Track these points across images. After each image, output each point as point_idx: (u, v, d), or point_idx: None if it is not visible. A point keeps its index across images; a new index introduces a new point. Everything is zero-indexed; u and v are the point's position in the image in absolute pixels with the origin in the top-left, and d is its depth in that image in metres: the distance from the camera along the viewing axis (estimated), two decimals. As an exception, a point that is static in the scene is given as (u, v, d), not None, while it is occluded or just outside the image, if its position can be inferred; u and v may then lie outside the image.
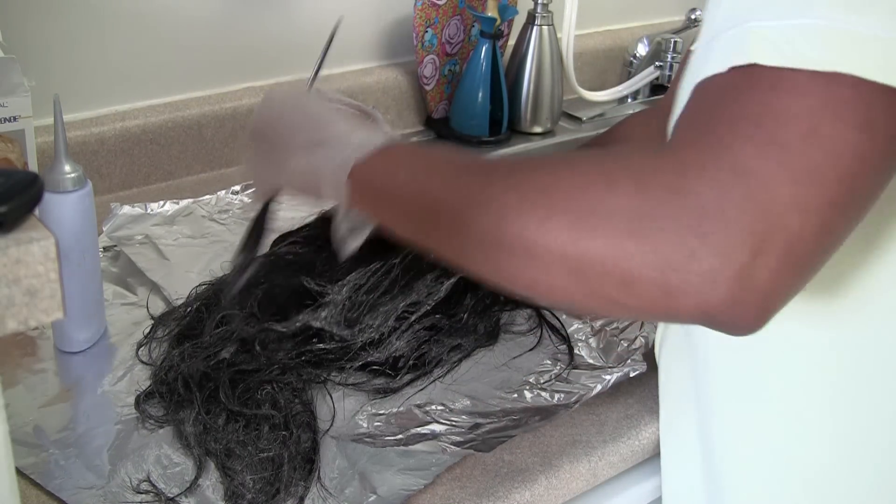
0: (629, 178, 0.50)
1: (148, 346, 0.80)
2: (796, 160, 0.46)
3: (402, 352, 0.79)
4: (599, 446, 0.74)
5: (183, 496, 0.65)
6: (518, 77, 1.28)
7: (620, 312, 0.51)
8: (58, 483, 0.65)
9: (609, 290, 0.49)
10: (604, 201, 0.49)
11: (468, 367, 0.81)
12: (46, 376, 0.77)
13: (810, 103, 0.46)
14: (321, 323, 0.78)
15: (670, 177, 0.48)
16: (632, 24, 1.57)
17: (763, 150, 0.47)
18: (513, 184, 0.54)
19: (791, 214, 0.46)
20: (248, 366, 0.75)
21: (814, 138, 0.46)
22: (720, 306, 0.47)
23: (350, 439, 0.71)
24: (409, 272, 0.83)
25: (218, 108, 1.14)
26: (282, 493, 0.65)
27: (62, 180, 0.75)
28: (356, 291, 0.81)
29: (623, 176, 0.50)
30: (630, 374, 0.79)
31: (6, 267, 0.39)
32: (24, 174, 0.43)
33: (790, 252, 0.46)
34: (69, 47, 1.04)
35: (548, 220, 0.51)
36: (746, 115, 0.48)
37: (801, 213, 0.46)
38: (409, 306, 0.81)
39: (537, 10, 1.25)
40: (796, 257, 0.47)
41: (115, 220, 0.99)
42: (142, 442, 0.70)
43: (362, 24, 1.26)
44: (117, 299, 0.88)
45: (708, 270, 0.46)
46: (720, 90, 0.49)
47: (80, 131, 1.05)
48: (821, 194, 0.46)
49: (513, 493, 0.69)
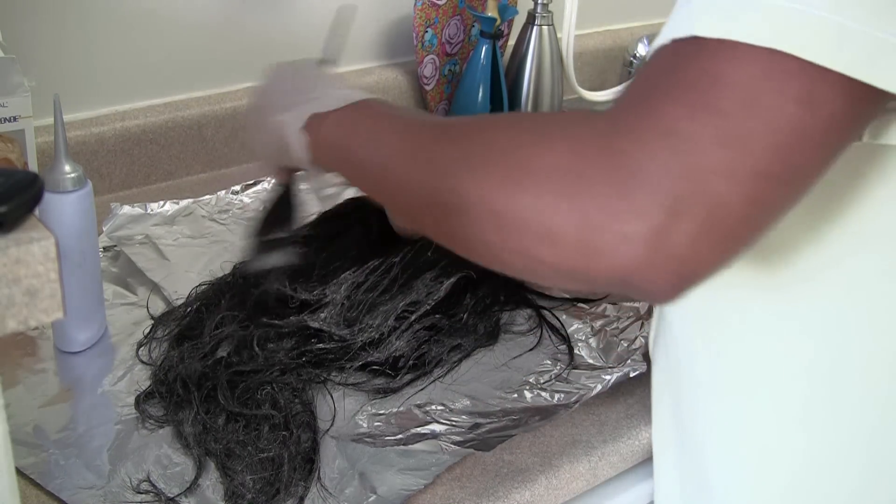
0: (564, 138, 0.50)
1: (148, 346, 0.80)
2: (728, 125, 0.46)
3: (402, 352, 0.79)
4: (599, 446, 0.74)
5: (183, 496, 0.65)
6: (518, 77, 1.28)
7: (543, 271, 0.51)
8: (58, 483, 0.66)
9: (532, 245, 0.50)
10: (537, 159, 0.50)
11: (468, 367, 0.81)
12: (46, 376, 0.77)
13: (752, 71, 0.46)
14: (320, 324, 0.78)
15: (603, 138, 0.49)
16: (632, 24, 1.57)
17: (695, 113, 0.46)
18: (457, 140, 0.56)
19: (716, 179, 0.45)
20: (248, 366, 0.75)
21: (750, 106, 0.46)
22: (634, 268, 0.47)
23: (350, 439, 0.71)
24: (407, 270, 0.83)
25: (218, 108, 1.14)
26: (282, 493, 0.65)
27: (62, 180, 0.75)
28: (355, 290, 0.81)
29: (559, 136, 0.51)
30: (630, 374, 0.79)
31: (6, 267, 0.39)
32: (24, 174, 0.43)
33: (711, 218, 0.46)
34: (69, 47, 1.04)
35: (481, 175, 0.52)
36: (684, 81, 0.47)
37: (726, 179, 0.46)
38: (409, 306, 0.81)
39: (537, 10, 1.25)
40: (719, 224, 0.46)
41: (115, 220, 0.99)
42: (142, 442, 0.70)
43: (362, 24, 1.26)
44: (117, 299, 0.88)
45: (625, 230, 0.46)
46: (663, 60, 0.50)
47: (80, 131, 1.05)
48: (750, 163, 0.46)
49: (513, 493, 0.69)
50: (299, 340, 0.78)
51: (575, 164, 0.49)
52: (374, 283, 0.81)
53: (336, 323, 0.79)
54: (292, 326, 0.78)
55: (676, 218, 0.46)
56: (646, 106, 0.48)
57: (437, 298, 0.82)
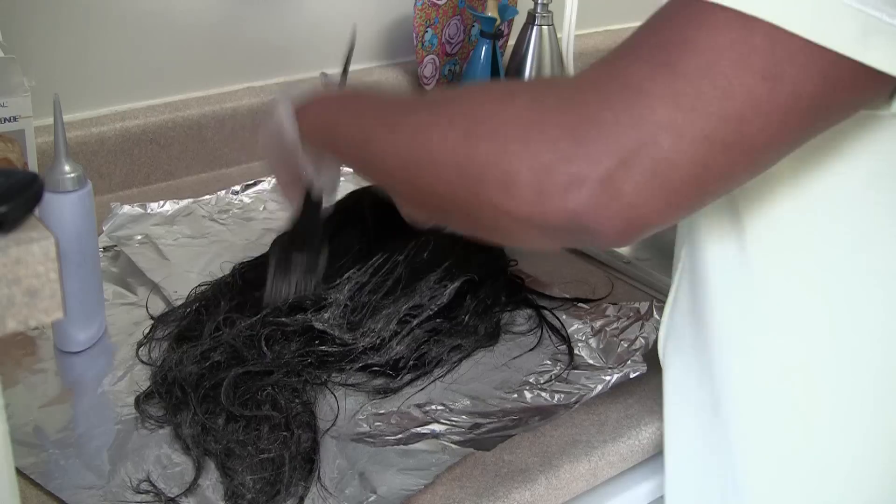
0: (528, 92, 0.54)
1: (148, 346, 0.80)
2: (683, 87, 0.48)
3: (403, 354, 0.79)
4: (599, 446, 0.74)
5: (183, 496, 0.65)
6: (518, 77, 1.27)
7: (505, 222, 0.53)
8: (58, 483, 0.65)
9: (490, 192, 0.52)
10: (500, 112, 0.53)
11: (468, 367, 0.81)
12: (46, 376, 0.77)
13: (718, 40, 0.48)
14: (324, 325, 0.78)
15: (566, 91, 0.52)
16: (632, 24, 1.56)
17: (656, 71, 0.49)
18: (430, 105, 0.60)
19: (663, 134, 0.48)
20: (257, 367, 0.74)
21: (708, 72, 0.48)
22: (584, 210, 0.49)
23: (350, 439, 0.71)
24: (409, 271, 0.83)
25: (218, 108, 1.14)
26: (282, 493, 0.65)
27: (62, 180, 0.75)
28: (358, 291, 0.81)
29: (524, 92, 0.54)
30: (630, 374, 0.79)
31: (6, 267, 0.39)
32: (24, 174, 0.43)
33: (657, 171, 0.48)
34: (69, 47, 1.04)
35: (447, 130, 0.55)
36: (655, 41, 0.50)
37: (673, 137, 0.48)
38: (412, 310, 0.81)
39: (537, 10, 1.25)
40: (665, 179, 0.48)
41: (115, 220, 0.99)
42: (142, 442, 0.70)
43: (362, 24, 1.26)
44: (117, 299, 0.88)
45: (576, 173, 0.49)
46: (652, 18, 0.52)
47: (80, 131, 1.05)
48: (698, 125, 0.48)
49: (513, 493, 0.69)
50: (304, 341, 0.78)
51: (534, 113, 0.51)
52: (377, 285, 0.81)
53: (339, 325, 0.79)
54: (297, 325, 0.78)
55: (625, 166, 0.48)
56: (614, 63, 0.51)
57: (441, 304, 0.82)
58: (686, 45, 0.48)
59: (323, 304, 0.80)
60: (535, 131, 0.50)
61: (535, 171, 0.50)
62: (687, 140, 0.48)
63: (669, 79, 0.48)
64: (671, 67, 0.48)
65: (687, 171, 0.48)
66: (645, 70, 0.49)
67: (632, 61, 0.50)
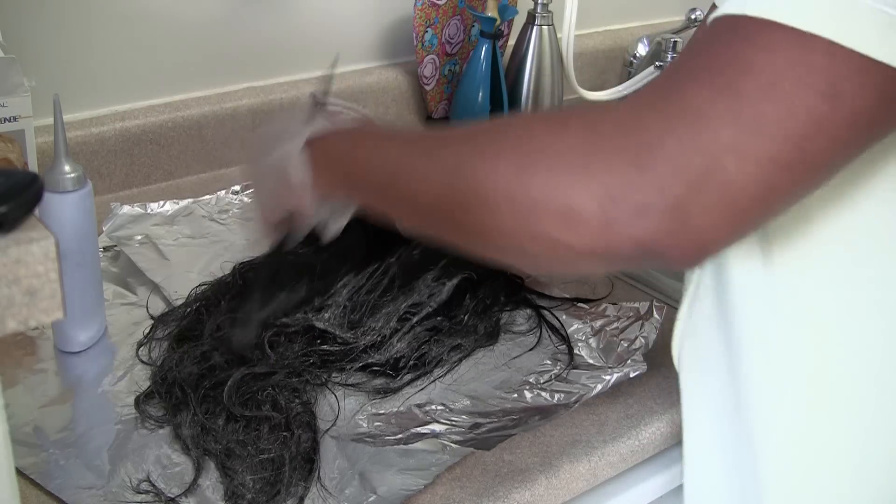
0: (581, 119, 0.52)
1: (148, 346, 0.80)
2: (746, 108, 0.47)
3: (403, 352, 0.79)
4: (599, 446, 0.74)
5: (183, 496, 0.65)
6: (518, 77, 1.27)
7: (562, 254, 0.52)
8: (58, 483, 0.65)
9: (551, 227, 0.50)
10: (553, 142, 0.51)
11: (468, 367, 0.81)
12: (46, 376, 0.77)
13: (777, 60, 0.47)
14: (324, 324, 0.78)
15: (622, 116, 0.50)
16: (632, 24, 1.57)
17: (716, 94, 0.48)
18: (468, 138, 0.57)
19: (728, 157, 0.47)
20: (261, 368, 0.74)
21: (770, 92, 0.47)
22: (654, 237, 0.48)
23: (350, 439, 0.71)
24: (407, 270, 0.83)
25: (218, 108, 1.14)
26: (282, 493, 0.65)
27: (62, 180, 0.75)
28: (357, 292, 0.81)
29: (576, 119, 0.52)
30: (630, 374, 0.79)
31: (6, 267, 0.39)
32: (24, 174, 0.43)
33: (725, 194, 0.47)
34: (69, 47, 1.04)
35: (495, 164, 0.53)
36: (712, 63, 0.49)
37: (738, 159, 0.47)
38: (411, 307, 0.81)
39: (537, 10, 1.25)
40: (732, 201, 0.48)
41: (115, 220, 0.99)
42: (142, 442, 0.70)
43: (362, 24, 1.26)
44: (117, 299, 0.88)
45: (643, 201, 0.48)
46: (704, 38, 0.51)
47: (80, 131, 1.05)
48: (763, 147, 0.47)
49: (513, 493, 0.69)
50: (306, 341, 0.78)
51: (591, 141, 0.49)
52: (374, 285, 0.81)
53: (339, 325, 0.79)
54: (299, 325, 0.78)
55: (693, 192, 0.47)
56: (670, 86, 0.50)
57: (440, 301, 0.82)
58: (745, 65, 0.47)
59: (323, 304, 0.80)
60: (596, 160, 0.49)
61: (600, 201, 0.48)
62: (752, 162, 0.47)
63: (731, 101, 0.47)
64: (732, 89, 0.47)
65: (753, 193, 0.48)
66: (705, 93, 0.48)
67: (689, 84, 0.49)
